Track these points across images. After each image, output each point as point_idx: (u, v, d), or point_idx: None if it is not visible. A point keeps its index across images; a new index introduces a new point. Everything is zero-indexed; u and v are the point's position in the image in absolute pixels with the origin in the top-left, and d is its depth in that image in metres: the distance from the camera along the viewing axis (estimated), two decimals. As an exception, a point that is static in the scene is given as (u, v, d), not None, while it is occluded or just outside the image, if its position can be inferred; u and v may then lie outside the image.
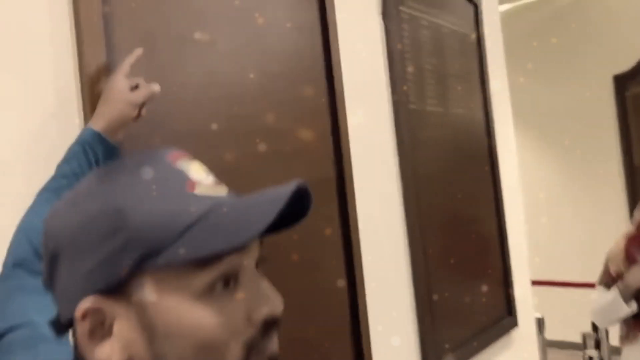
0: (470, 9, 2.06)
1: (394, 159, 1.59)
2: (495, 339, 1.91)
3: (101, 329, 0.42)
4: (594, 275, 2.32)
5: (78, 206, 0.43)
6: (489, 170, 2.04)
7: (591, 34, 4.34)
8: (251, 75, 1.18)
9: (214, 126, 1.08)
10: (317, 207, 1.23)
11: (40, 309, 0.60)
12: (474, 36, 2.05)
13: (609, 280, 2.01)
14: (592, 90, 4.35)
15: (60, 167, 0.78)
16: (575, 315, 3.02)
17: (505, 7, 4.51)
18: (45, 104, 0.85)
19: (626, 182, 4.22)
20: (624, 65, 4.25)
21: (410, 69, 1.67)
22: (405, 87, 1.63)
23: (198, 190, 0.43)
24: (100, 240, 0.40)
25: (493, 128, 2.09)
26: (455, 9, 1.96)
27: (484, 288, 1.90)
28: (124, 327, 0.41)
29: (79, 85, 0.89)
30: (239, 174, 1.11)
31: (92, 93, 0.87)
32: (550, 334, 3.04)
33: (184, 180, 0.43)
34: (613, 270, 2.01)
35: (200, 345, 0.40)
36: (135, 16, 0.97)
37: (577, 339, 2.88)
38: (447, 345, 1.63)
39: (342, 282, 1.35)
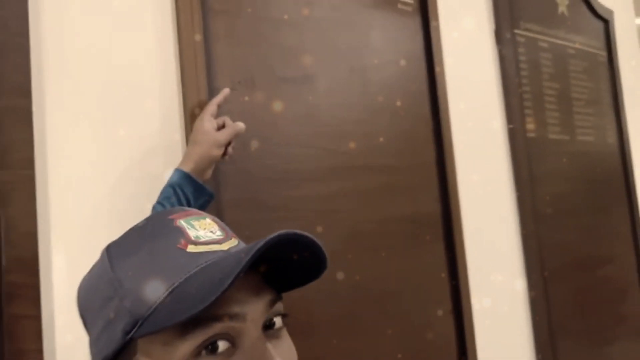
0: (599, 25, 1.87)
1: (510, 194, 1.47)
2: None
3: None
4: None
5: (91, 272, 0.43)
6: (626, 204, 1.81)
7: None
8: (353, 111, 1.16)
9: (312, 161, 1.07)
10: (425, 251, 1.16)
11: None
12: (604, 55, 1.85)
13: None
14: None
15: (155, 208, 0.81)
16: None
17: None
18: (154, 137, 0.90)
19: None
20: None
21: (528, 95, 1.54)
22: (522, 115, 1.50)
23: (190, 249, 0.40)
24: (101, 307, 0.40)
25: (630, 156, 1.85)
26: (582, 27, 1.79)
27: (620, 344, 1.66)
28: None
29: (182, 120, 0.93)
30: (341, 206, 1.09)
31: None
32: None
33: (178, 239, 0.41)
34: None
35: None
36: (235, 59, 1.00)
37: None
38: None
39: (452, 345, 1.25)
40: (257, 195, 0.99)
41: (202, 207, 0.83)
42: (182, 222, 0.42)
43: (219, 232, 0.43)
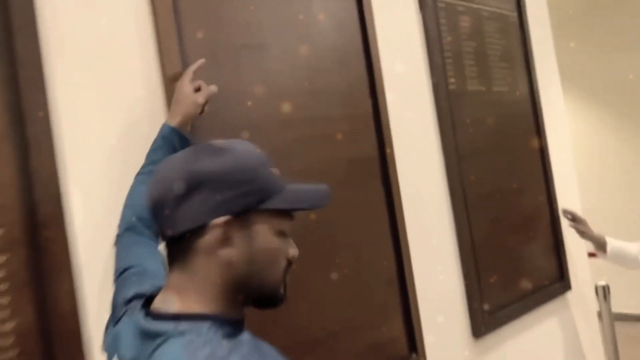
0: (510, -11, 2.16)
1: (435, 137, 1.75)
2: (546, 300, 2.03)
3: (226, 239, 0.68)
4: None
5: (226, 157, 0.70)
6: (537, 144, 2.14)
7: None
8: (301, 73, 1.40)
9: (269, 118, 1.31)
10: (362, 185, 1.44)
11: (147, 256, 0.91)
12: (515, 16, 2.15)
13: None
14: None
15: (149, 156, 1.04)
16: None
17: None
18: (139, 104, 1.12)
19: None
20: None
21: (448, 53, 1.81)
22: (444, 71, 1.78)
23: (274, 173, 0.74)
24: (240, 183, 0.69)
25: (539, 103, 2.18)
26: (495, -8, 2.07)
27: (533, 254, 2.02)
28: (240, 241, 0.69)
29: (163, 89, 1.15)
30: (293, 157, 1.33)
31: (172, 95, 1.13)
32: (618, 307, 3.04)
33: (270, 165, 0.74)
34: None
35: (271, 258, 0.72)
36: (201, 31, 1.21)
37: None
38: (486, 307, 1.77)
39: (390, 261, 1.54)
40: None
41: None
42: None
43: None
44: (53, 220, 0.97)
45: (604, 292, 2.67)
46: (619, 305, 2.97)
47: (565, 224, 2.14)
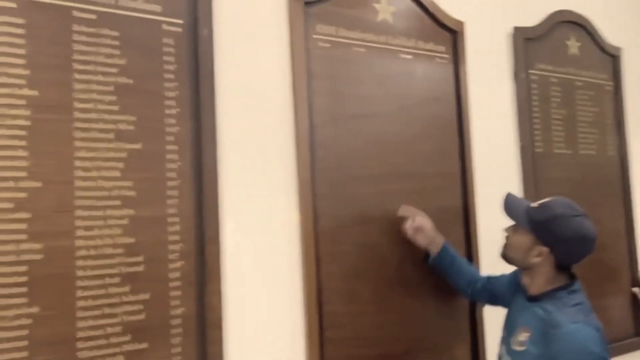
0: (608, 60, 2.32)
1: (518, 192, 1.99)
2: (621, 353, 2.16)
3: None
4: None
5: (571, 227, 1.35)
6: (622, 204, 2.28)
7: None
8: (403, 138, 1.73)
9: (377, 170, 1.66)
10: (447, 228, 1.74)
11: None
12: (611, 84, 2.31)
13: None
14: None
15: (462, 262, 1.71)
16: None
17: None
18: (274, 147, 1.52)
19: None
20: None
21: (537, 119, 2.05)
22: (532, 135, 2.02)
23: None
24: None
25: (628, 165, 2.31)
26: (591, 63, 2.26)
27: (610, 308, 2.16)
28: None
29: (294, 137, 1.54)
30: (396, 203, 1.67)
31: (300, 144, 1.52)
32: None
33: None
34: None
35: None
36: (325, 105, 1.59)
37: None
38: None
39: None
40: (342, 190, 1.59)
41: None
42: None
43: None
44: (213, 240, 1.39)
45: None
46: None
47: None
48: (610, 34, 2.33)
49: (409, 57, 1.77)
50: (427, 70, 1.81)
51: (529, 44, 2.05)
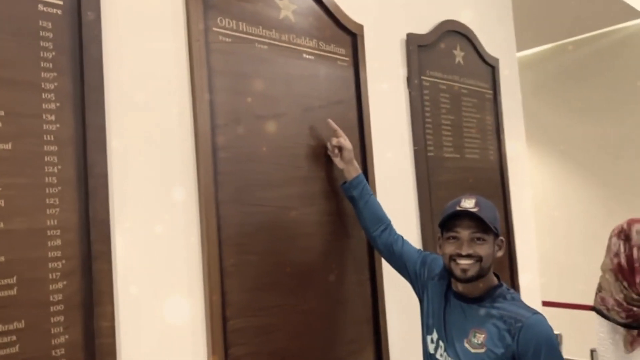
0: (488, 70, 2.48)
1: (414, 197, 2.03)
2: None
3: None
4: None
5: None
6: (502, 204, 2.43)
7: (627, 75, 4.59)
8: (307, 141, 1.67)
9: (281, 174, 1.58)
10: (348, 234, 1.69)
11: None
12: (491, 93, 2.47)
13: (605, 304, 2.44)
14: (629, 126, 4.59)
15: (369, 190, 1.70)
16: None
17: (543, 47, 4.85)
18: (175, 152, 1.37)
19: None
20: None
21: (429, 125, 2.11)
22: (424, 139, 2.07)
23: (457, 207, 1.40)
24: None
25: (506, 168, 2.48)
26: (474, 72, 2.39)
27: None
28: None
29: (193, 140, 1.40)
30: (300, 207, 1.60)
31: (201, 145, 1.39)
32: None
33: (457, 203, 1.41)
34: (614, 297, 2.44)
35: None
36: (228, 103, 1.48)
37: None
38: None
39: (367, 301, 1.80)
40: (246, 196, 1.49)
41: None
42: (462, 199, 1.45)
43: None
44: (102, 255, 1.21)
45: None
46: None
47: (523, 270, 2.42)
48: (488, 44, 2.49)
49: (312, 57, 1.72)
50: (330, 73, 1.77)
51: (421, 50, 2.11)
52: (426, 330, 1.52)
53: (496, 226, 1.42)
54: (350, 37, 1.85)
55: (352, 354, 1.73)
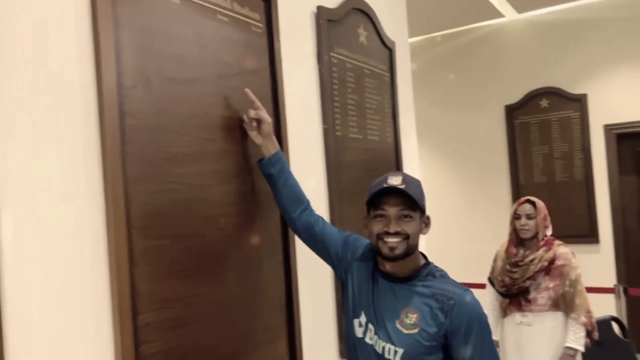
0: (386, 52, 2.49)
1: (324, 176, 1.96)
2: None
3: None
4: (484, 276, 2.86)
5: None
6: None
7: (488, 70, 5.02)
8: (222, 111, 1.50)
9: (196, 147, 1.40)
10: (264, 216, 1.56)
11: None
12: (388, 75, 2.48)
13: (492, 275, 2.67)
14: (487, 118, 5.03)
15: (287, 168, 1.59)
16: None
17: (417, 38, 5.09)
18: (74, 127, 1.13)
19: (512, 197, 4.91)
20: (513, 97, 4.95)
21: (337, 104, 2.05)
22: (333, 119, 2.01)
23: (384, 184, 1.35)
24: None
25: (401, 152, 2.53)
26: (374, 52, 2.38)
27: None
28: None
29: (96, 104, 1.17)
30: (209, 187, 1.43)
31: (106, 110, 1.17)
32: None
33: (384, 180, 1.35)
34: (496, 267, 2.66)
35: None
36: (136, 62, 1.27)
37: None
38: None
39: (281, 287, 1.69)
40: (157, 171, 1.29)
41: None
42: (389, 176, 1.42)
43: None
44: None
45: None
46: None
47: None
48: (385, 27, 2.49)
49: (226, 19, 1.55)
50: (244, 38, 1.62)
51: (330, 25, 2.04)
52: (352, 313, 1.46)
53: (423, 203, 1.40)
54: (263, 1, 1.71)
55: (267, 343, 1.62)
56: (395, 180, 1.37)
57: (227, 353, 1.47)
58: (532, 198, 2.68)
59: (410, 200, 1.35)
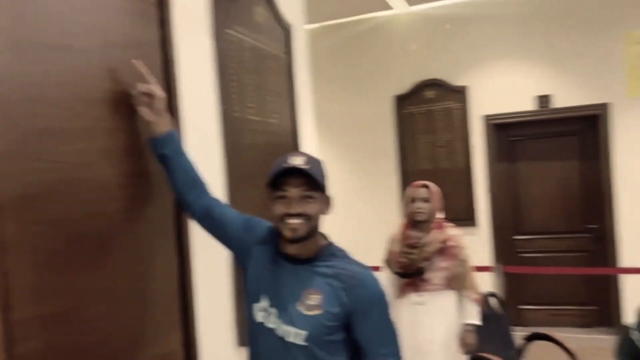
0: (284, 35, 2.45)
1: (221, 159, 1.88)
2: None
3: None
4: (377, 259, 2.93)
5: None
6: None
7: (379, 60, 5.17)
8: (106, 85, 1.37)
9: (78, 123, 1.25)
10: (153, 200, 1.45)
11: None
12: (285, 57, 2.44)
13: (389, 257, 2.74)
14: (378, 107, 5.19)
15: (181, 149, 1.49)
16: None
17: (312, 25, 5.11)
18: None
19: (400, 183, 5.13)
20: (402, 88, 5.15)
21: (235, 83, 1.97)
22: (230, 99, 1.93)
23: (286, 164, 1.30)
24: None
25: (300, 136, 2.50)
26: (272, 33, 2.33)
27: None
28: None
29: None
30: (95, 167, 1.30)
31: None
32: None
33: (285, 160, 1.30)
34: (392, 250, 2.72)
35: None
36: (3, 23, 1.11)
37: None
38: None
39: (174, 278, 1.59)
40: (32, 148, 1.14)
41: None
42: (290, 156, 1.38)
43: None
44: None
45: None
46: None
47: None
48: (284, 8, 2.45)
49: (112, -17, 1.41)
50: (134, 6, 1.49)
51: (228, 1, 1.95)
52: (252, 298, 1.41)
53: (325, 183, 1.39)
54: (154, -32, 1.59)
55: (160, 335, 1.52)
56: (296, 160, 1.33)
57: (116, 348, 1.35)
58: (427, 182, 2.79)
59: (312, 181, 1.33)
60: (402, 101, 5.19)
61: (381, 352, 1.33)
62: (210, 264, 1.78)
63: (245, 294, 1.47)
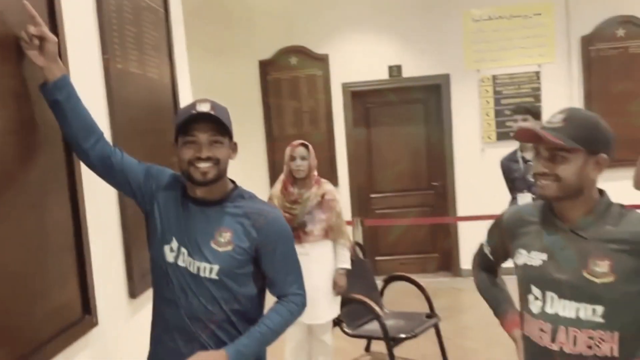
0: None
1: (105, 114, 1.83)
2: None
3: None
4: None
5: None
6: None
7: (245, 23, 5.20)
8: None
9: None
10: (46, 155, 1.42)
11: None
12: (163, 11, 2.41)
13: None
14: (244, 71, 5.24)
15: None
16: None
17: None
18: None
19: (267, 148, 5.28)
20: (267, 53, 5.25)
21: (115, 33, 1.92)
22: (113, 49, 1.88)
23: (194, 110, 1.36)
24: None
25: (178, 93, 2.50)
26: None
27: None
28: None
29: None
30: None
31: None
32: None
33: (193, 107, 1.35)
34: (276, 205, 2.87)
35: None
36: None
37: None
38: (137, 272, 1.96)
39: (69, 229, 1.55)
40: None
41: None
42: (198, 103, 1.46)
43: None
44: None
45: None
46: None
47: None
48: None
49: None
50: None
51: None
52: (162, 240, 1.47)
53: (231, 129, 1.48)
54: None
55: (55, 289, 1.48)
56: (204, 107, 1.40)
57: (9, 303, 1.30)
58: (305, 142, 2.98)
59: (220, 126, 1.41)
60: (266, 67, 5.30)
61: (287, 280, 1.48)
62: (101, 214, 1.76)
63: (150, 239, 1.51)
